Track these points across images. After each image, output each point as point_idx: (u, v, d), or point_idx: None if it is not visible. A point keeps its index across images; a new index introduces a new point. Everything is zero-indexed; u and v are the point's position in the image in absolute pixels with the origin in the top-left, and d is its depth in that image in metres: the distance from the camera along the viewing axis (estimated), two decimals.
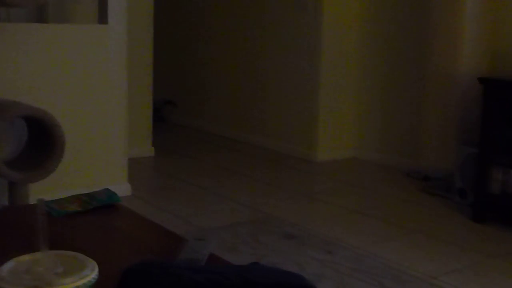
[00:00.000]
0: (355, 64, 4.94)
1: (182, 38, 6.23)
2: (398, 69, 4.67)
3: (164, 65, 6.36)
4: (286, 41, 5.03)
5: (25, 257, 0.85)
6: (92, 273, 0.83)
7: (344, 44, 4.86)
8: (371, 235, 3.32)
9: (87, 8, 3.91)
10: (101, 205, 1.67)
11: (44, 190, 3.29)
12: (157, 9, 5.01)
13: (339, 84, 4.89)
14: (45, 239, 0.84)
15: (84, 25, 3.58)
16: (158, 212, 3.61)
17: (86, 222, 1.58)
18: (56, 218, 1.60)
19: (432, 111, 4.41)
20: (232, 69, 5.63)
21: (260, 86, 5.34)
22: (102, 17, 3.58)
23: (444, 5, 4.26)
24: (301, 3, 4.84)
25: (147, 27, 4.75)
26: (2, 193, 3.13)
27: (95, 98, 3.60)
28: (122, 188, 3.77)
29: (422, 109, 4.48)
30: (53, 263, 0.83)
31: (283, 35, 5.05)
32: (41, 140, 3.19)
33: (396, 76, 4.69)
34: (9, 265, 0.83)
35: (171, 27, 6.33)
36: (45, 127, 3.08)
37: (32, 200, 3.09)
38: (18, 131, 3.31)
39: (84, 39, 3.51)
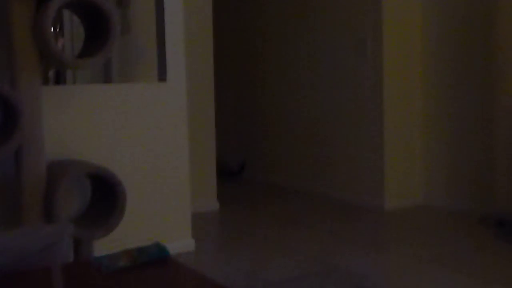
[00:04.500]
0: (420, 109, 4.84)
1: (245, 92, 6.28)
2: (466, 112, 4.53)
3: (229, 120, 6.42)
4: (349, 89, 4.99)
5: None
6: None
7: (407, 89, 4.78)
8: (446, 286, 3.16)
9: (149, 66, 3.99)
10: (151, 260, 1.65)
11: (108, 246, 3.33)
12: (217, 64, 5.10)
13: (403, 130, 4.79)
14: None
15: (144, 84, 3.65)
16: (223, 266, 3.57)
17: (135, 277, 1.56)
18: (106, 273, 1.59)
19: (504, 153, 4.24)
20: (296, 121, 5.61)
21: (324, 136, 5.29)
22: (161, 75, 3.65)
23: (507, 42, 4.14)
24: (361, 48, 4.81)
25: (208, 81, 4.82)
26: (68, 249, 3.16)
27: (156, 154, 3.64)
28: (186, 243, 3.77)
29: (493, 151, 4.32)
30: None
31: (347, 82, 5.01)
32: (104, 198, 3.23)
33: (463, 119, 4.55)
34: None
35: (233, 81, 6.40)
36: (107, 184, 3.13)
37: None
38: (83, 189, 3.37)
39: (144, 96, 3.58)
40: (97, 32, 3.12)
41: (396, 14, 4.69)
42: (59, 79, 4.35)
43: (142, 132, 3.58)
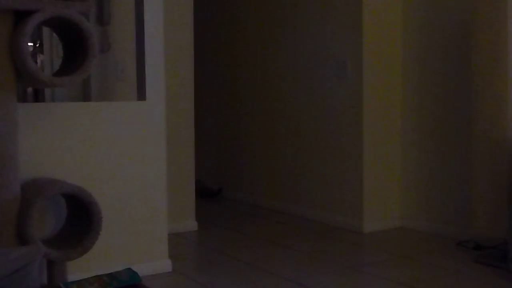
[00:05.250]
0: (399, 133, 4.85)
1: (224, 112, 6.27)
2: (445, 135, 4.56)
3: (207, 140, 6.41)
4: (328, 110, 4.99)
5: None
6: None
7: (386, 112, 4.80)
8: None
9: (128, 84, 3.97)
10: (122, 286, 1.62)
11: (83, 268, 3.28)
12: (197, 84, 5.09)
13: (383, 152, 4.80)
14: None
15: (123, 102, 3.63)
16: None
17: None
18: None
19: (482, 177, 4.26)
20: (276, 141, 5.60)
21: (303, 157, 5.29)
22: (141, 94, 3.63)
23: (486, 68, 4.17)
24: (341, 70, 4.82)
25: (188, 100, 4.80)
26: (42, 271, 3.11)
27: (134, 174, 3.60)
28: (162, 264, 3.72)
29: (471, 175, 4.33)
30: None
31: (326, 103, 5.02)
32: (79, 218, 3.19)
33: (443, 142, 4.57)
34: None
35: (212, 101, 6.40)
36: (83, 204, 3.09)
37: (71, 278, 3.07)
38: (58, 209, 3.32)
39: (123, 115, 3.56)
40: (76, 50, 3.10)
41: (376, 36, 4.72)
42: (38, 96, 4.32)
43: (119, 152, 3.55)
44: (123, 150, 3.56)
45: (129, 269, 1.65)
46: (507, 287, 3.46)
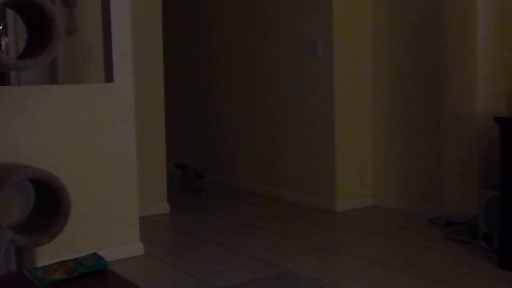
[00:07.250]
0: (370, 111, 4.86)
1: (196, 92, 6.23)
2: (415, 113, 4.57)
3: (179, 122, 6.37)
4: (300, 91, 4.98)
5: None
6: None
7: (357, 91, 4.80)
8: (395, 287, 3.17)
9: (96, 66, 3.91)
10: (88, 271, 1.59)
11: (53, 253, 3.24)
12: (167, 66, 5.03)
13: (355, 131, 4.81)
14: None
15: (90, 85, 3.57)
16: (172, 271, 3.51)
17: None
18: (40, 287, 1.52)
19: (452, 155, 4.29)
20: (248, 123, 5.58)
21: (275, 138, 5.27)
22: (108, 76, 3.57)
23: (455, 46, 4.18)
24: (312, 49, 4.80)
25: (157, 82, 4.75)
26: (9, 258, 3.07)
27: (103, 157, 3.56)
28: (134, 248, 3.70)
29: (442, 153, 4.36)
30: None
31: (297, 84, 5.00)
32: (48, 203, 3.14)
33: (413, 120, 4.59)
34: None
35: (185, 83, 6.34)
36: (51, 189, 3.04)
37: (40, 264, 3.03)
38: (26, 195, 3.27)
39: (90, 98, 3.50)
40: (40, 32, 3.03)
41: (347, 14, 4.70)
42: (3, 80, 4.23)
43: (88, 135, 3.50)
44: (92, 133, 3.51)
45: (95, 253, 1.62)
46: (476, 262, 3.50)
